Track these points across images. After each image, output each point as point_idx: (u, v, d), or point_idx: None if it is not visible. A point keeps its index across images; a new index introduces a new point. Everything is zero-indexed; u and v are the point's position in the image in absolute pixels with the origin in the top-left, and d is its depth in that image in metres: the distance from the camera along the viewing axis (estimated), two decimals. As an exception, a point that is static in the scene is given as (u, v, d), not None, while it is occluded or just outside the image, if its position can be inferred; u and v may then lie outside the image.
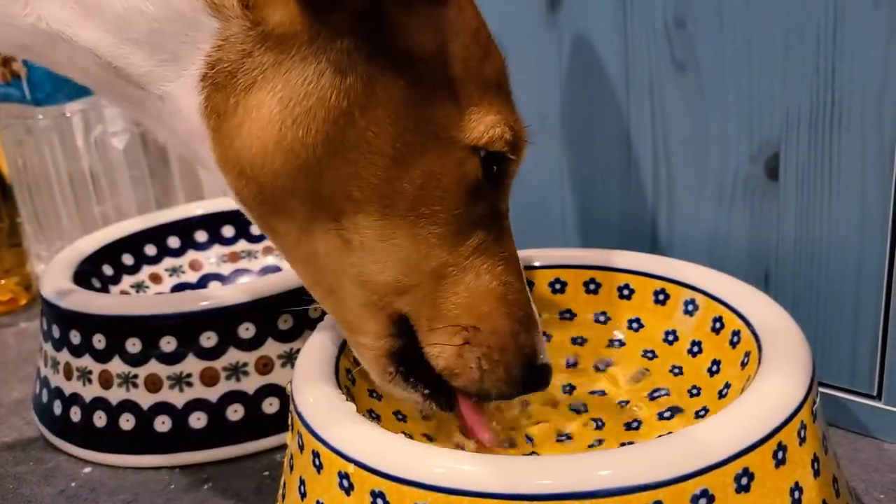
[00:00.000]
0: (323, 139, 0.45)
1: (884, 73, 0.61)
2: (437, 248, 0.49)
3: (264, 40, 0.45)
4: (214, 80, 0.46)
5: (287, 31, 0.45)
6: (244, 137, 0.46)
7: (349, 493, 0.48)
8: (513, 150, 0.51)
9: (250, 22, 0.45)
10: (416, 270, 0.49)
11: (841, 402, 0.70)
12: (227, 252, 1.01)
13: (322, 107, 0.45)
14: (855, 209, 0.66)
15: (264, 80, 0.45)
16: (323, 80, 0.45)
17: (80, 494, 0.70)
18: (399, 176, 0.47)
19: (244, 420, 0.73)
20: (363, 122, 0.46)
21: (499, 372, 0.52)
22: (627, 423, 0.65)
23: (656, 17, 0.72)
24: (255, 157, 0.46)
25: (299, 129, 0.45)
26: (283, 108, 0.45)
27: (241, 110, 0.46)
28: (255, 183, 0.47)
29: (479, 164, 0.49)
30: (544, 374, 0.54)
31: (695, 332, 0.66)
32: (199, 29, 0.45)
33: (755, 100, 0.68)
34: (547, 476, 0.44)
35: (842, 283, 0.68)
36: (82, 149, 1.14)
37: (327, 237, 0.49)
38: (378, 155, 0.46)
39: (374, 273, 0.49)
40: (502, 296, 0.52)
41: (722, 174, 0.72)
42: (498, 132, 0.49)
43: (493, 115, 0.49)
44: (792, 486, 0.47)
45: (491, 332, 0.51)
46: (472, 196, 0.49)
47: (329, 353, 0.60)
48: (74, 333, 0.74)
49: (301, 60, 0.45)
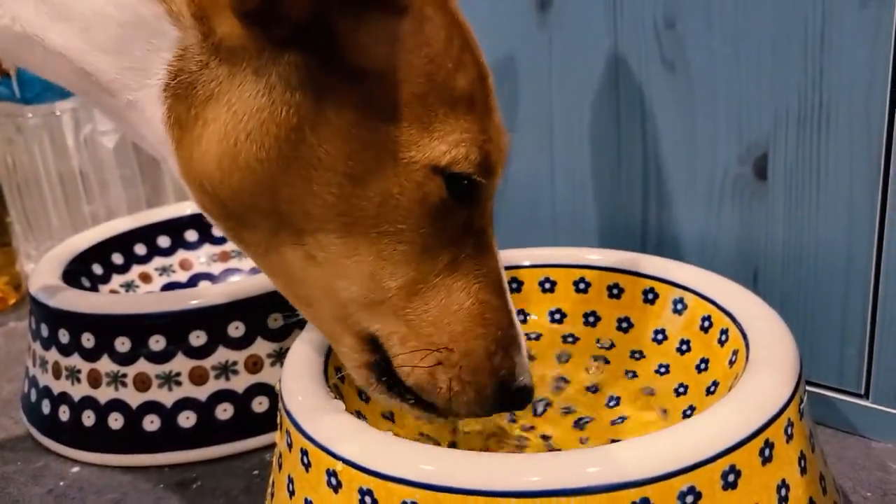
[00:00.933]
0: (276, 155, 0.44)
1: (871, 73, 0.61)
2: (403, 266, 0.47)
3: (217, 52, 0.44)
4: (176, 91, 0.45)
5: (235, 44, 0.44)
6: (203, 151, 0.45)
7: (337, 491, 0.47)
8: (481, 173, 0.47)
9: (202, 33, 0.44)
10: (381, 287, 0.48)
11: (829, 400, 0.71)
12: (217, 251, 1.01)
13: (273, 122, 0.44)
14: (843, 209, 0.66)
15: (220, 93, 0.44)
16: (273, 94, 0.43)
17: (68, 494, 0.70)
18: (356, 194, 0.45)
19: (233, 419, 0.73)
20: (314, 139, 0.44)
21: (469, 393, 0.50)
22: (613, 421, 0.65)
23: (646, 18, 0.73)
24: (213, 172, 0.45)
25: (253, 145, 0.44)
26: (237, 123, 0.44)
27: (200, 123, 0.45)
28: (215, 197, 0.47)
29: (443, 183, 0.46)
30: (523, 396, 0.52)
31: (683, 330, 0.66)
32: (162, 37, 0.44)
33: (744, 100, 0.69)
34: (535, 473, 0.44)
35: (830, 282, 0.68)
36: (72, 148, 1.14)
37: (294, 251, 0.48)
38: (331, 172, 0.45)
39: (341, 289, 0.48)
40: (478, 315, 0.50)
41: (711, 174, 0.73)
42: (461, 152, 0.46)
43: (458, 134, 0.46)
44: (779, 483, 0.47)
45: (464, 354, 0.49)
46: (437, 215, 0.47)
47: (318, 352, 0.59)
48: (63, 332, 0.74)
49: (253, 73, 0.44)
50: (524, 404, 0.53)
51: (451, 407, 0.51)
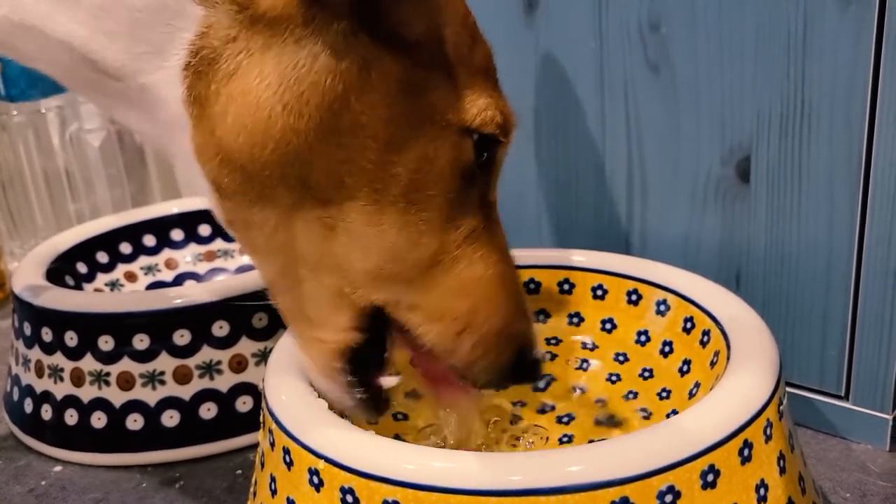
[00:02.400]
0: (316, 125, 0.45)
1: (851, 76, 0.62)
2: (426, 236, 0.49)
3: (252, 24, 0.44)
4: (197, 69, 0.45)
5: (280, 13, 0.44)
6: (229, 125, 0.45)
7: (319, 490, 0.48)
8: (503, 133, 0.51)
9: (238, 5, 0.44)
10: (400, 259, 0.49)
11: (809, 401, 0.71)
12: (203, 251, 1.01)
13: (316, 92, 0.44)
14: (824, 211, 0.66)
15: (250, 66, 0.44)
16: (317, 63, 0.44)
17: (50, 493, 0.69)
18: (392, 160, 0.47)
19: (217, 418, 0.73)
20: (358, 107, 0.45)
21: (490, 358, 0.51)
22: (598, 421, 0.65)
23: (631, 20, 0.73)
24: (242, 145, 0.45)
25: (290, 116, 0.44)
26: (272, 94, 0.44)
27: (225, 98, 0.45)
28: (239, 172, 0.46)
29: (472, 147, 0.49)
30: (536, 368, 0.54)
31: (666, 332, 0.66)
32: (184, 18, 0.45)
33: (727, 102, 0.69)
34: (515, 472, 0.44)
35: (811, 283, 0.69)
36: (58, 146, 1.13)
37: (309, 225, 0.48)
38: (372, 139, 0.46)
39: (356, 260, 0.49)
40: (499, 283, 0.51)
41: (694, 176, 0.73)
42: (490, 115, 0.49)
43: (485, 98, 0.49)
44: (758, 483, 0.48)
45: (486, 319, 0.51)
46: (464, 180, 0.49)
47: (302, 351, 0.59)
48: (46, 331, 0.74)
49: (294, 43, 0.44)
50: (537, 376, 0.55)
51: (471, 371, 0.51)
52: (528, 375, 0.54)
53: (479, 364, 0.51)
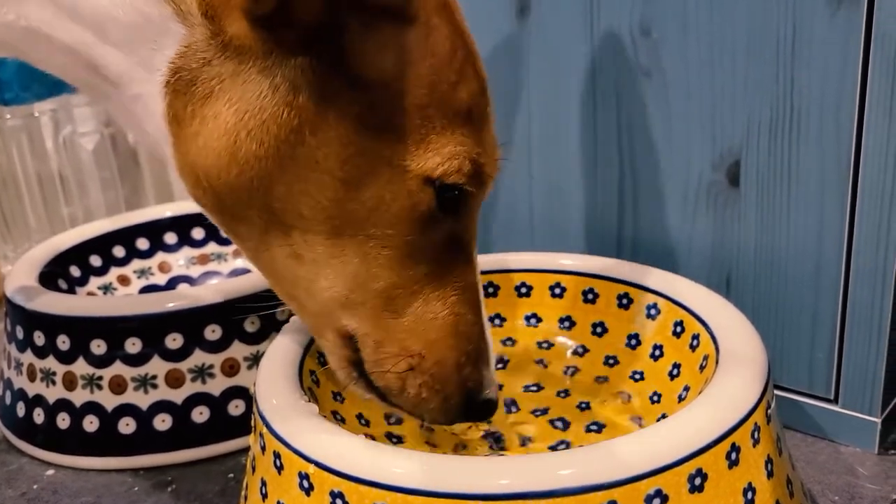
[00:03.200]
0: (274, 154, 0.45)
1: (840, 82, 0.62)
2: (386, 270, 0.48)
3: (224, 50, 0.45)
4: (175, 87, 0.46)
5: (243, 43, 0.44)
6: (200, 147, 0.46)
7: (309, 494, 0.48)
8: (473, 183, 0.48)
9: (210, 31, 0.45)
10: (363, 288, 0.49)
11: (799, 405, 0.71)
12: (196, 254, 1.01)
13: (274, 122, 0.45)
14: (813, 216, 0.67)
15: (221, 91, 0.45)
16: (277, 95, 0.44)
17: (42, 497, 0.69)
18: (349, 197, 0.46)
19: (209, 422, 0.73)
20: (313, 142, 0.45)
21: (436, 401, 0.51)
22: (588, 427, 0.66)
23: (622, 25, 0.73)
24: (211, 168, 0.46)
25: (252, 143, 0.45)
26: (238, 120, 0.45)
27: (198, 120, 0.46)
28: (211, 193, 0.47)
29: (434, 194, 0.47)
30: (487, 409, 0.53)
31: (656, 335, 0.67)
32: (167, 35, 0.45)
33: (717, 107, 0.70)
34: (504, 476, 0.44)
35: (800, 287, 0.69)
36: (51, 149, 1.13)
37: (281, 249, 0.49)
38: (327, 175, 0.46)
39: (323, 289, 0.49)
40: (452, 326, 0.51)
41: (685, 180, 0.74)
42: (455, 165, 0.47)
43: (453, 147, 0.47)
44: (745, 486, 0.48)
45: (435, 362, 0.50)
46: (424, 224, 0.48)
47: (293, 355, 0.60)
48: (38, 334, 0.74)
49: (258, 73, 0.44)
50: (487, 416, 0.54)
51: (417, 412, 0.52)
52: (476, 415, 0.53)
53: (424, 406, 0.51)
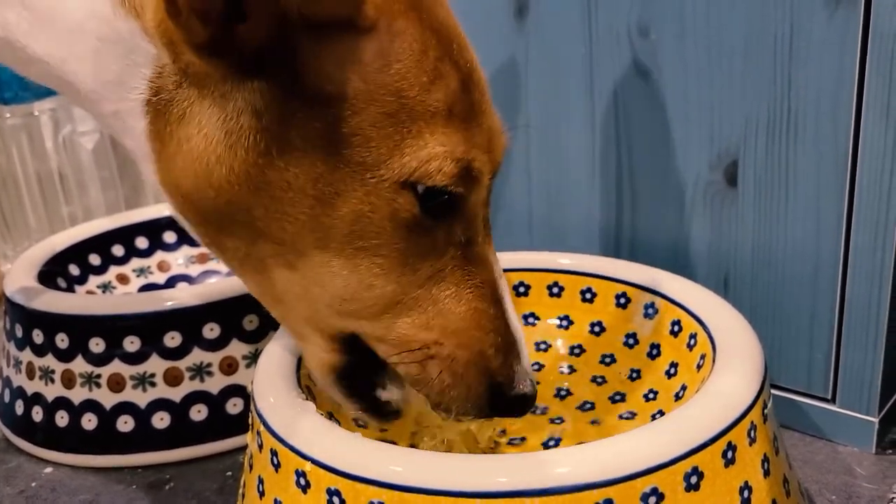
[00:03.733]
0: (245, 178, 0.45)
1: (837, 82, 0.63)
2: (381, 278, 0.47)
3: (186, 75, 0.44)
4: (157, 107, 0.45)
5: (199, 70, 0.44)
6: (179, 168, 0.46)
7: (306, 491, 0.48)
8: (461, 183, 0.46)
9: (171, 56, 0.44)
10: (357, 298, 0.48)
11: (796, 404, 0.72)
12: (195, 253, 1.01)
13: (241, 147, 0.44)
14: (811, 215, 0.67)
15: (192, 115, 0.45)
16: (241, 119, 0.44)
17: (40, 494, 0.69)
18: (326, 213, 0.45)
19: (208, 420, 0.73)
20: (281, 163, 0.44)
21: (460, 388, 0.50)
22: (584, 422, 0.66)
23: (620, 26, 0.74)
24: (191, 189, 0.46)
25: (223, 167, 0.45)
26: (207, 145, 0.44)
27: (175, 141, 0.45)
28: (194, 210, 0.47)
29: (415, 199, 0.45)
30: (521, 404, 0.51)
31: (654, 335, 0.67)
32: (140, 53, 0.45)
33: (715, 108, 0.70)
34: (500, 474, 0.44)
35: (798, 287, 0.69)
36: (51, 149, 1.14)
37: (271, 260, 0.48)
38: (301, 195, 0.45)
39: (317, 296, 0.49)
40: (472, 319, 0.49)
41: (683, 181, 0.74)
42: (434, 166, 0.45)
43: (432, 149, 0.45)
44: (741, 485, 0.48)
45: (456, 346, 0.49)
46: (411, 230, 0.46)
47: (291, 354, 0.60)
48: (37, 333, 0.74)
49: (220, 98, 0.44)
50: (523, 412, 0.52)
51: (444, 401, 0.50)
52: (508, 410, 0.52)
53: (448, 394, 0.50)
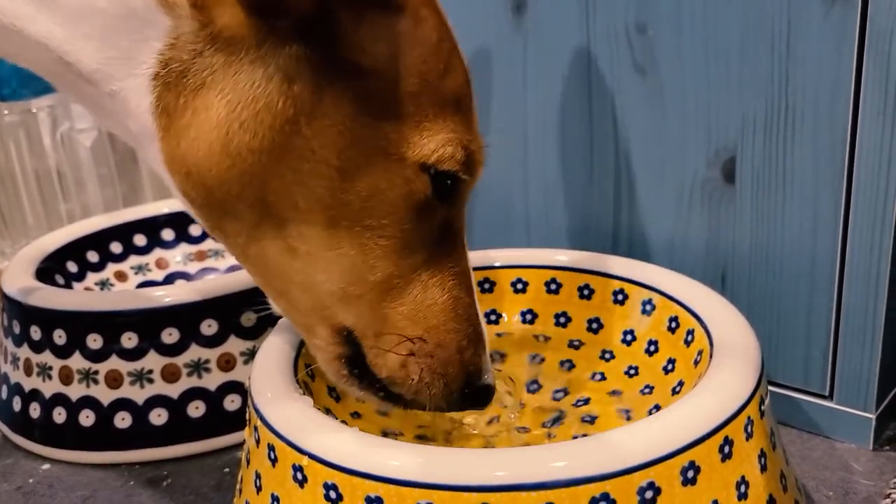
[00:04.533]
0: (269, 145, 0.45)
1: (835, 79, 0.63)
2: (383, 260, 0.49)
3: (213, 41, 0.44)
4: (166, 80, 0.45)
5: (235, 33, 0.44)
6: (192, 139, 0.45)
7: (303, 486, 0.48)
8: (466, 170, 0.49)
9: (199, 22, 0.44)
10: (361, 281, 0.49)
11: (794, 401, 0.72)
12: (193, 251, 1.01)
13: (269, 112, 0.44)
14: (808, 213, 0.67)
15: (213, 82, 0.44)
16: (271, 85, 0.44)
17: (38, 491, 0.69)
18: (344, 187, 0.46)
19: (205, 417, 0.73)
20: (309, 132, 0.45)
21: (438, 386, 0.51)
22: (583, 419, 0.66)
23: (618, 23, 0.74)
24: (202, 160, 0.46)
25: (246, 134, 0.44)
26: (230, 112, 0.44)
27: (190, 112, 0.45)
28: (201, 186, 0.47)
29: (429, 181, 0.48)
30: (485, 395, 0.53)
31: (651, 331, 0.67)
32: (153, 27, 0.45)
33: (713, 105, 0.70)
34: (498, 468, 0.44)
35: (795, 284, 0.69)
36: (49, 146, 1.13)
37: (274, 243, 0.48)
38: (324, 165, 0.46)
39: (320, 282, 0.49)
40: (451, 310, 0.51)
41: (681, 177, 0.74)
42: (449, 151, 0.47)
43: (446, 134, 0.48)
44: (738, 479, 0.48)
45: (437, 345, 0.51)
46: (420, 212, 0.48)
47: (289, 349, 0.60)
48: (35, 329, 0.74)
49: (250, 63, 0.44)
50: (486, 403, 0.54)
51: (418, 398, 0.52)
52: (475, 402, 0.53)
53: (426, 390, 0.51)
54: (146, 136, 0.48)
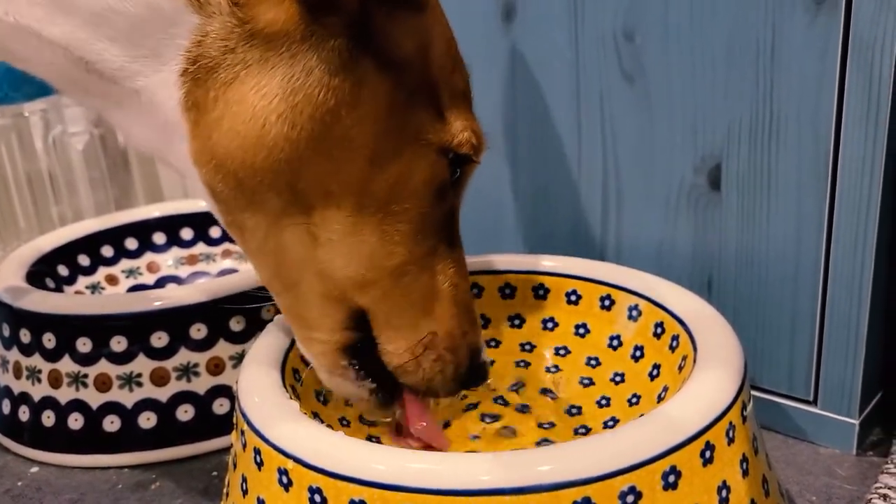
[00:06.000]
0: (307, 135, 0.47)
1: (818, 87, 0.63)
2: (400, 246, 0.51)
3: (251, 37, 0.46)
4: (195, 76, 0.46)
5: (279, 29, 0.46)
6: (224, 131, 0.47)
7: (288, 490, 0.48)
8: (476, 153, 0.54)
9: (237, 19, 0.46)
10: (378, 266, 0.51)
11: (779, 406, 0.72)
12: (185, 255, 1.01)
13: (309, 103, 0.46)
14: (792, 218, 0.68)
15: (248, 76, 0.46)
16: (311, 77, 0.46)
17: (26, 494, 0.70)
18: (375, 173, 0.49)
19: (194, 420, 0.73)
20: (348, 121, 0.47)
21: (448, 372, 0.55)
22: (575, 429, 0.66)
23: (606, 29, 0.74)
24: (236, 151, 0.47)
25: (284, 125, 0.46)
26: (267, 104, 0.46)
27: (222, 105, 0.46)
28: (232, 177, 0.48)
29: (447, 165, 0.52)
30: (484, 371, 0.57)
31: (637, 336, 0.67)
32: (180, 25, 0.46)
33: (699, 112, 0.70)
34: (480, 472, 0.45)
35: (780, 290, 0.70)
36: (41, 149, 1.14)
37: (296, 231, 0.50)
38: (358, 152, 0.48)
39: (339, 268, 0.51)
40: (454, 297, 0.55)
41: (667, 184, 0.74)
42: (466, 136, 0.52)
43: (462, 121, 0.52)
44: (719, 484, 0.49)
45: (446, 335, 0.54)
46: (438, 196, 0.52)
47: (277, 353, 0.60)
48: (24, 332, 0.74)
49: (290, 58, 0.46)
50: (485, 378, 0.58)
51: (431, 385, 0.55)
52: (476, 379, 0.57)
53: (436, 378, 0.54)
54: (172, 132, 0.49)
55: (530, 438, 0.66)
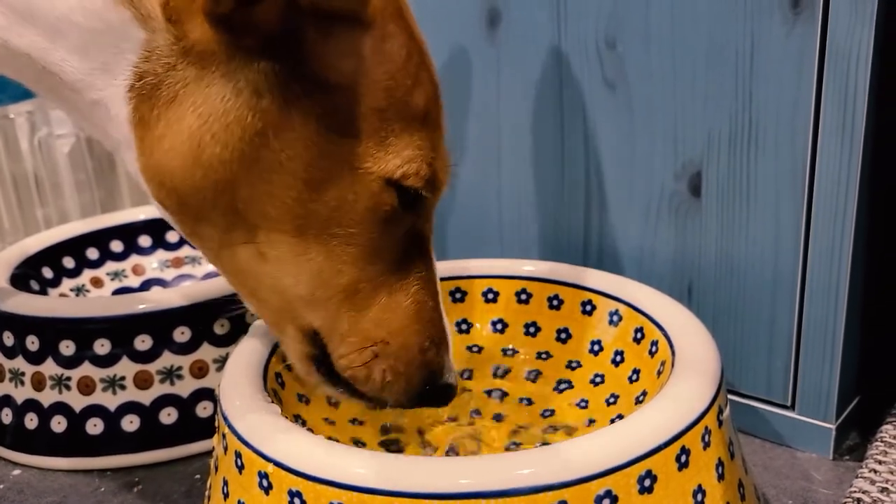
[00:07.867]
0: (239, 156, 0.46)
1: (796, 96, 0.64)
2: (350, 266, 0.50)
3: (186, 55, 0.46)
4: (141, 92, 0.46)
5: (206, 48, 0.45)
6: (165, 150, 0.47)
7: (268, 493, 0.49)
8: (428, 188, 0.50)
9: (173, 36, 0.46)
10: (328, 285, 0.50)
11: (757, 411, 0.73)
12: (170, 257, 1.01)
13: (238, 125, 0.46)
14: (770, 226, 0.69)
15: (186, 95, 0.46)
16: (240, 99, 0.45)
17: (7, 497, 0.70)
18: (312, 198, 0.47)
19: (177, 423, 0.73)
20: (277, 144, 0.46)
21: (400, 383, 0.53)
22: (547, 429, 0.67)
23: (588, 39, 0.75)
24: (175, 170, 0.47)
25: (217, 146, 0.46)
26: (202, 124, 0.46)
27: (163, 123, 0.46)
28: (175, 194, 0.48)
29: (395, 194, 0.49)
30: (446, 393, 0.55)
31: (617, 341, 0.68)
32: (128, 40, 0.46)
33: (679, 120, 0.71)
34: (458, 476, 0.45)
35: (758, 296, 0.71)
36: (26, 151, 1.13)
37: (246, 248, 0.50)
38: (291, 176, 0.47)
39: (289, 286, 0.50)
40: (415, 314, 0.53)
41: (649, 191, 0.75)
42: (413, 168, 0.48)
43: (412, 151, 0.48)
44: (695, 488, 0.49)
45: (400, 346, 0.52)
46: (387, 222, 0.50)
47: (259, 357, 0.61)
48: (7, 335, 0.74)
49: (221, 77, 0.45)
50: (447, 401, 0.56)
51: (381, 396, 0.53)
52: (436, 400, 0.55)
53: (387, 389, 0.53)
54: (125, 145, 0.49)
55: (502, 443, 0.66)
